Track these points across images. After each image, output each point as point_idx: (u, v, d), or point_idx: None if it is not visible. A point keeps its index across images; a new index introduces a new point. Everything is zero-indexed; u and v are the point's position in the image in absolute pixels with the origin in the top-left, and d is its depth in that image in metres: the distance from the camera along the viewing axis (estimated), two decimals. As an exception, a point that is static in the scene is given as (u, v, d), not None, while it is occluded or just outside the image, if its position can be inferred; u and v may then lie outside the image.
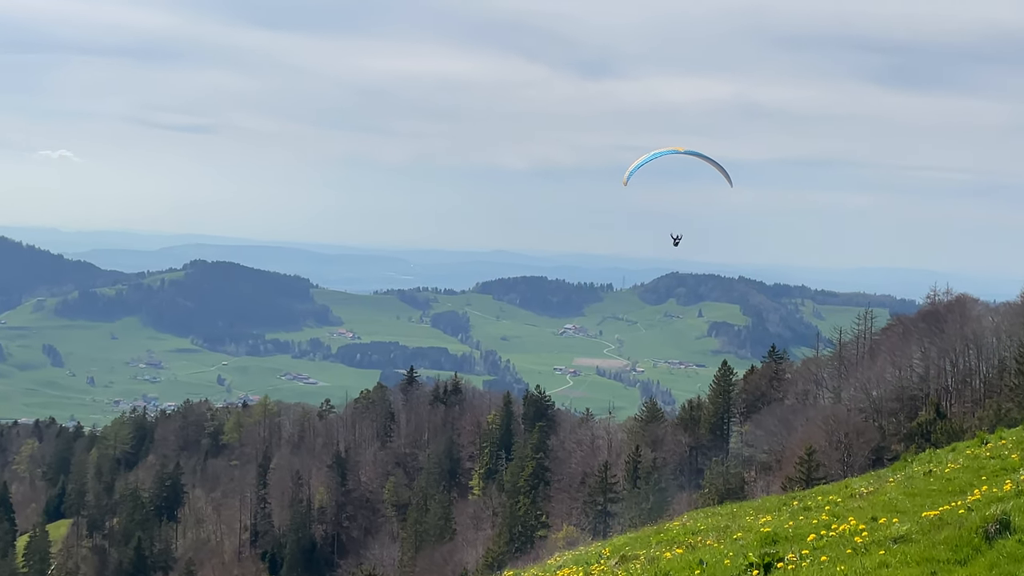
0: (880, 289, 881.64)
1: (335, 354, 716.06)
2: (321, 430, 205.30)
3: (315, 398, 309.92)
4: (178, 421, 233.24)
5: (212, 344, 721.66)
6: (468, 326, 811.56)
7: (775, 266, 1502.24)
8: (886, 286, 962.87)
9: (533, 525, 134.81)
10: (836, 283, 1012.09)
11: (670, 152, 71.11)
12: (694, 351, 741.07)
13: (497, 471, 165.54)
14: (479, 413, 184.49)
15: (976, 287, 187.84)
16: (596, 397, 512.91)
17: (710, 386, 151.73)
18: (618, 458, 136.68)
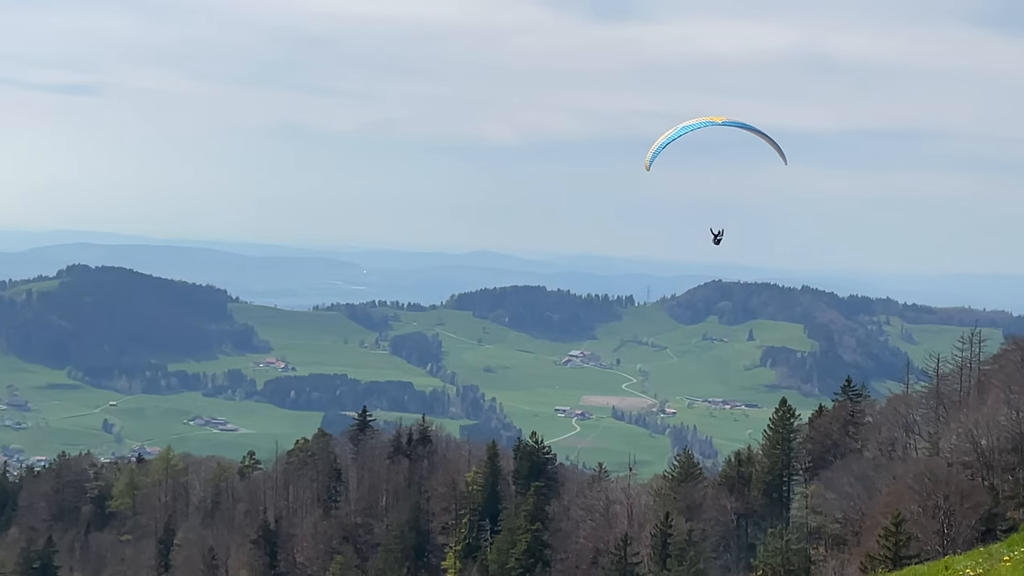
0: (990, 303, 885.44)
1: (261, 391, 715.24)
2: (243, 493, 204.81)
3: (235, 450, 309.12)
4: (50, 482, 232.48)
5: (96, 378, 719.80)
6: (440, 353, 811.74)
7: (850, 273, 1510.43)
8: (998, 299, 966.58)
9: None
10: (932, 295, 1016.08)
11: (704, 124, 73.45)
12: (743, 386, 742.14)
13: (479, 547, 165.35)
14: (455, 470, 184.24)
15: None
16: (612, 448, 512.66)
17: (764, 433, 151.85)
18: (642, 530, 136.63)
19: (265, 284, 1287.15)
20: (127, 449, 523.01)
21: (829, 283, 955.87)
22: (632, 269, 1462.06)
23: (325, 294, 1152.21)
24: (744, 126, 73.09)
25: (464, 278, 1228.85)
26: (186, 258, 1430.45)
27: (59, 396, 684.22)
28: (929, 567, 45.15)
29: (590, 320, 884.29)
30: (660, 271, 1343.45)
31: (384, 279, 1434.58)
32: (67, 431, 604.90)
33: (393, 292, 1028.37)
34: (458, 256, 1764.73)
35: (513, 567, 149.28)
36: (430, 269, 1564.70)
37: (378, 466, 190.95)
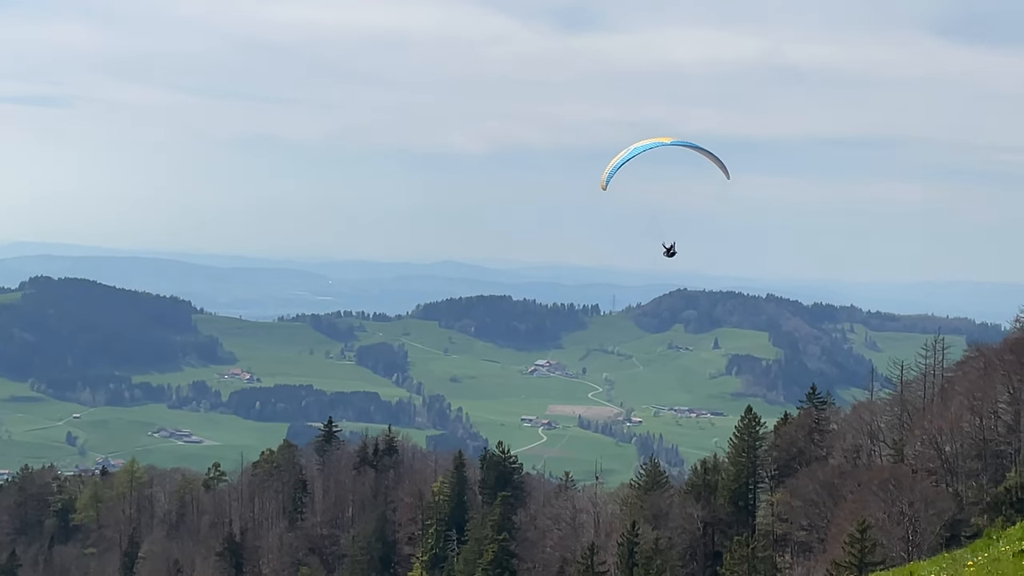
0: (953, 310, 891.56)
1: (226, 402, 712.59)
2: (208, 505, 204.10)
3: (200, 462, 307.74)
4: (13, 495, 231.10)
5: (59, 390, 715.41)
6: (406, 363, 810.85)
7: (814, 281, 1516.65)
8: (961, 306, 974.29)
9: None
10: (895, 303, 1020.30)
11: (655, 145, 77.74)
12: (708, 394, 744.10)
13: (446, 558, 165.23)
14: (421, 480, 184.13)
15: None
16: (579, 457, 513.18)
17: (730, 441, 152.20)
18: (608, 538, 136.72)
19: (230, 295, 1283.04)
20: (91, 462, 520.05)
21: (794, 291, 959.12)
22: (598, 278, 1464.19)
23: (290, 304, 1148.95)
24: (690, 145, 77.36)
25: (430, 288, 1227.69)
26: (151, 269, 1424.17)
27: (22, 409, 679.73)
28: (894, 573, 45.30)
29: (556, 329, 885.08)
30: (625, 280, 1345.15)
31: (350, 289, 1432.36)
32: (30, 444, 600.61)
33: (359, 302, 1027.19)
34: (424, 266, 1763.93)
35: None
36: (396, 279, 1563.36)
37: (344, 477, 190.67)
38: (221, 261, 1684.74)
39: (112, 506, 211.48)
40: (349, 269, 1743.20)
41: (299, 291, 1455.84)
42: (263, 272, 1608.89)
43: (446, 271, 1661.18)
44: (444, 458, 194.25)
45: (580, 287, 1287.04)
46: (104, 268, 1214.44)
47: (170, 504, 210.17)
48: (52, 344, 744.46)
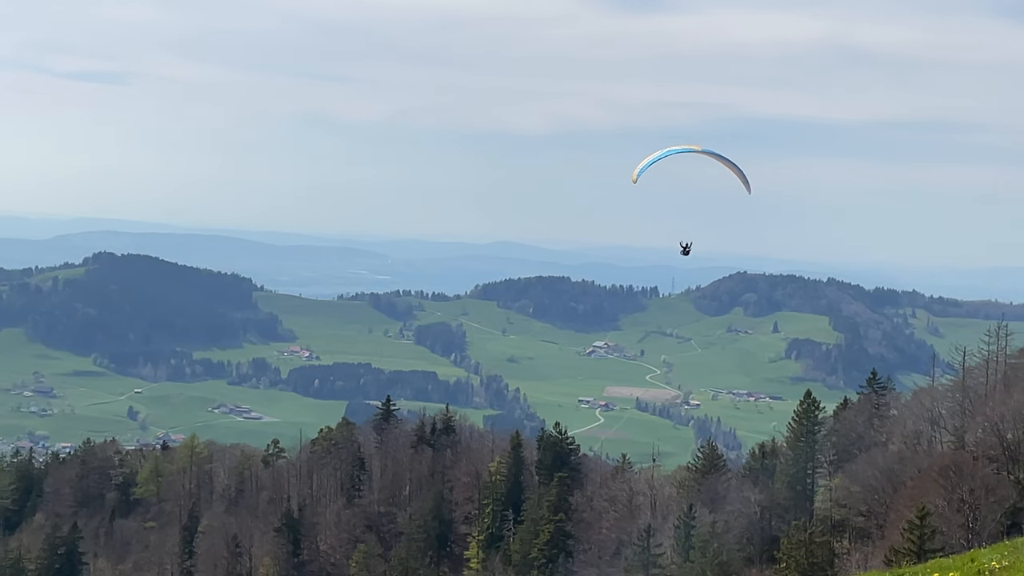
0: (1018, 297, 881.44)
1: (286, 379, 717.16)
2: (267, 481, 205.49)
3: (259, 438, 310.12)
4: (75, 468, 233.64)
5: (121, 365, 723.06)
6: (464, 343, 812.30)
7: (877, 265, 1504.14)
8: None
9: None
10: (959, 288, 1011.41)
11: (685, 150, 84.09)
12: (767, 378, 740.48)
13: (502, 537, 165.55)
14: (478, 460, 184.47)
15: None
16: (636, 439, 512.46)
17: (788, 425, 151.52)
18: (665, 521, 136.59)
19: (290, 273, 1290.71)
20: (152, 436, 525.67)
21: (855, 275, 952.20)
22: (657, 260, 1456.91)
23: (350, 283, 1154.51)
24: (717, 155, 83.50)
25: (489, 268, 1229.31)
26: (211, 246, 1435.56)
27: (85, 383, 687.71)
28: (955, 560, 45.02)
29: (614, 311, 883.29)
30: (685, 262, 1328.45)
31: (408, 269, 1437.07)
32: (92, 418, 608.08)
33: (417, 282, 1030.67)
34: (483, 246, 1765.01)
35: (536, 557, 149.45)
36: (455, 259, 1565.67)
37: (401, 455, 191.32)
38: (281, 239, 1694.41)
39: (172, 481, 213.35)
40: (408, 248, 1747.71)
41: (358, 270, 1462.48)
42: (323, 250, 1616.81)
43: (505, 251, 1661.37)
44: (501, 438, 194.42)
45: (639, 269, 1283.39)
46: (166, 245, 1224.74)
47: (229, 479, 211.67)
48: (115, 319, 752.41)
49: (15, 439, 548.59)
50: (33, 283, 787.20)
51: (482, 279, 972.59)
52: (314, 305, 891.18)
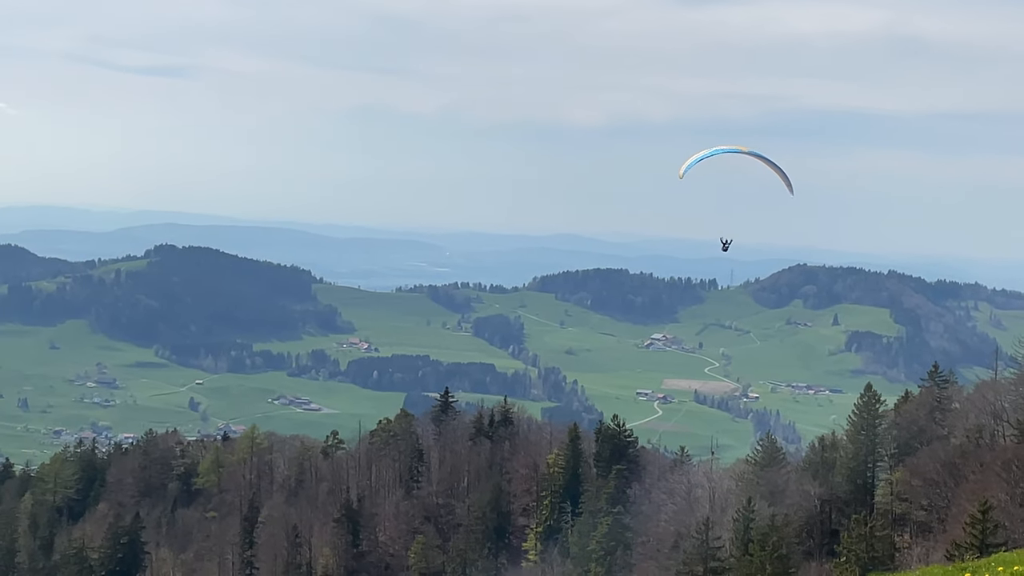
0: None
1: (344, 371, 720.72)
2: (326, 472, 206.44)
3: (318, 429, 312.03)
4: (138, 459, 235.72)
5: (183, 357, 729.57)
6: (522, 335, 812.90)
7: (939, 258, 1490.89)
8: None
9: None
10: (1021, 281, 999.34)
11: (731, 151, 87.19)
12: (827, 371, 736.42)
13: (560, 530, 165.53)
14: (536, 452, 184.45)
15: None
16: (694, 432, 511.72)
17: (849, 419, 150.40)
18: (724, 514, 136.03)
19: (349, 265, 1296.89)
20: (212, 427, 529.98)
21: (916, 268, 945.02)
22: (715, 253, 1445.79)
23: (408, 275, 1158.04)
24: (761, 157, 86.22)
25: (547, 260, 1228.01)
26: (272, 239, 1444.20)
27: (146, 374, 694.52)
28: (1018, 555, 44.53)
29: (673, 303, 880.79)
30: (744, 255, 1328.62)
31: (467, 261, 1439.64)
32: (154, 409, 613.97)
33: (475, 274, 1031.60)
34: (541, 238, 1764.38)
35: (594, 549, 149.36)
36: (513, 251, 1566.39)
37: (460, 447, 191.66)
38: (341, 232, 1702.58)
39: (233, 471, 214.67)
40: (467, 241, 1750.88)
41: (417, 262, 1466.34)
42: (382, 243, 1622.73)
43: (563, 244, 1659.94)
44: (559, 430, 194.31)
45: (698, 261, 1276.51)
46: (227, 237, 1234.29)
47: (289, 470, 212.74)
48: (176, 311, 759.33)
49: (79, 429, 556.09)
50: (96, 275, 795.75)
51: (540, 271, 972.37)
52: (373, 297, 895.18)
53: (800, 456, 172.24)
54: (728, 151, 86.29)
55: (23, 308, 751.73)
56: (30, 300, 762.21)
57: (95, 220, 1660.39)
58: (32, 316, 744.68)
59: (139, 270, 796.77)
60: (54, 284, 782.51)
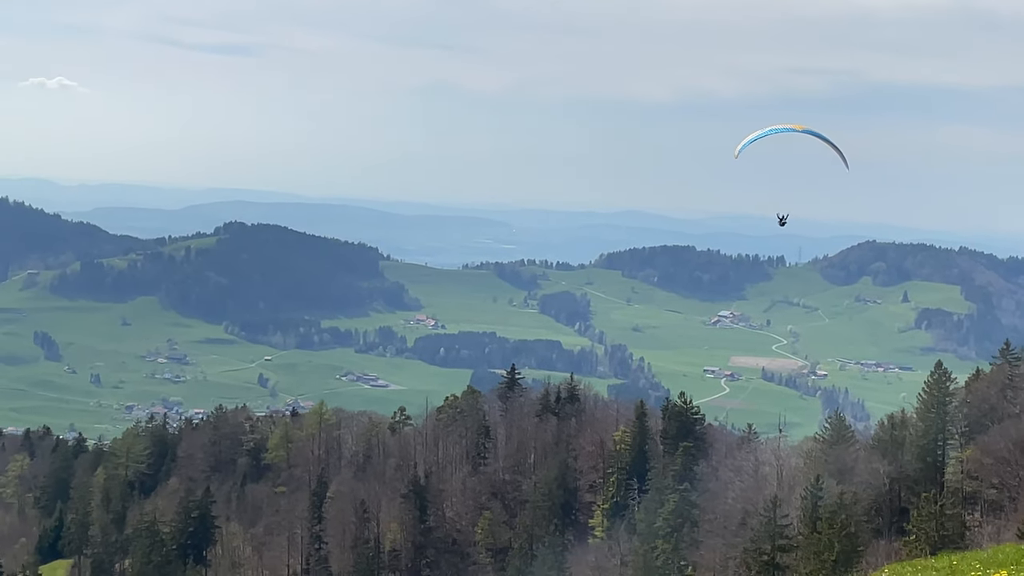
0: None
1: (412, 348, 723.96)
2: (394, 448, 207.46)
3: (386, 406, 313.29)
4: (208, 434, 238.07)
5: (252, 333, 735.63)
6: (588, 312, 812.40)
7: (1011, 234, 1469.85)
8: None
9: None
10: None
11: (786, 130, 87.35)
12: (896, 348, 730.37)
13: (627, 506, 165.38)
14: (603, 429, 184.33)
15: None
16: (762, 409, 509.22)
17: (918, 396, 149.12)
18: (791, 492, 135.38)
19: (416, 242, 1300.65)
20: (281, 403, 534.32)
21: (989, 244, 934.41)
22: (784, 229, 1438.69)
23: (475, 252, 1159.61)
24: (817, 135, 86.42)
25: (613, 237, 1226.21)
26: (339, 216, 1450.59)
27: (216, 350, 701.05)
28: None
29: (740, 280, 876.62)
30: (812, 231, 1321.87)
31: (533, 238, 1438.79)
32: (224, 385, 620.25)
33: (542, 251, 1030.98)
34: (607, 215, 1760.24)
35: (661, 527, 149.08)
36: (579, 228, 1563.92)
37: (526, 424, 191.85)
38: (407, 209, 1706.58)
39: (301, 447, 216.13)
40: (533, 217, 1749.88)
41: (483, 239, 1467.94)
42: (448, 220, 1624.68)
43: (630, 220, 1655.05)
44: (626, 407, 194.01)
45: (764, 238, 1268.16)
46: (294, 214, 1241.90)
47: (357, 446, 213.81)
48: (245, 288, 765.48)
49: (150, 405, 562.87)
50: (167, 252, 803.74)
51: (607, 248, 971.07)
52: (440, 274, 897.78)
53: (869, 434, 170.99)
54: (782, 130, 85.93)
55: (95, 285, 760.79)
56: (102, 277, 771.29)
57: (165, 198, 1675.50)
58: (104, 293, 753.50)
59: (208, 247, 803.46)
60: (125, 261, 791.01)
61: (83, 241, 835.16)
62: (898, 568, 43.73)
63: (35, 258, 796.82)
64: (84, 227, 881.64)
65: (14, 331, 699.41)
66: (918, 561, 46.30)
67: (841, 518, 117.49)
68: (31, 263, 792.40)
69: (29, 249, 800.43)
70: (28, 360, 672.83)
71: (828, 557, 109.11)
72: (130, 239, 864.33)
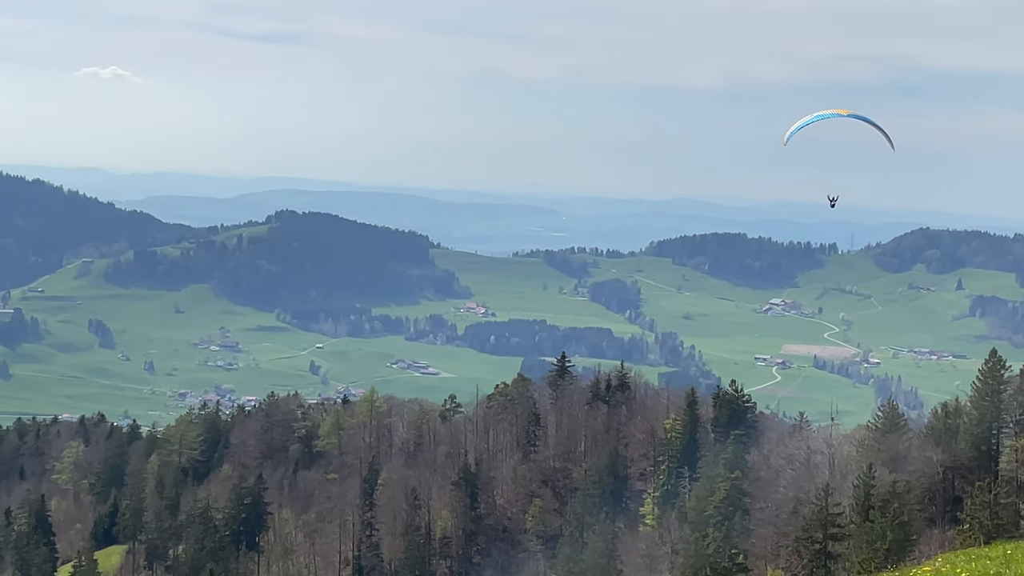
0: None
1: (462, 336, 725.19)
2: (444, 436, 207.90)
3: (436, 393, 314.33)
4: (260, 421, 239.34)
5: (303, 321, 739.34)
6: (639, 300, 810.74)
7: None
8: None
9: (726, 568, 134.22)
10: None
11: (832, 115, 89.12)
12: (951, 336, 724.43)
13: (677, 494, 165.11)
14: (653, 417, 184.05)
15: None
16: (814, 397, 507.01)
17: (973, 384, 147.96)
18: (844, 480, 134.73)
19: (466, 230, 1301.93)
20: (332, 391, 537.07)
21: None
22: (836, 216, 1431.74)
23: (525, 240, 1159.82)
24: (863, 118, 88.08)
25: (663, 225, 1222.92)
26: (389, 204, 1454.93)
27: (268, 338, 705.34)
28: None
29: (791, 268, 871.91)
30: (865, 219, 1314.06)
31: (583, 226, 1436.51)
32: (276, 372, 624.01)
33: (592, 239, 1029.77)
34: (658, 203, 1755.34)
35: (712, 515, 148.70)
36: (630, 216, 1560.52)
37: (577, 411, 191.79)
38: (457, 196, 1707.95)
39: (352, 434, 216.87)
40: (583, 205, 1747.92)
41: (534, 227, 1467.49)
42: (499, 208, 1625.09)
43: (680, 208, 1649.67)
44: (676, 395, 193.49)
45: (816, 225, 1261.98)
46: (345, 203, 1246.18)
47: (408, 433, 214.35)
48: (296, 276, 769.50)
49: (203, 392, 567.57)
50: (219, 240, 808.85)
51: (657, 236, 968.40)
52: (490, 262, 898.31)
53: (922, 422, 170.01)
54: (829, 116, 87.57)
55: (149, 273, 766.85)
56: (155, 265, 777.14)
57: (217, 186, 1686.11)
58: (157, 281, 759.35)
59: (260, 236, 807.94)
60: (178, 249, 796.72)
61: (136, 230, 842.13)
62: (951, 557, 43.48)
63: (89, 246, 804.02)
64: (137, 216, 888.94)
65: (69, 319, 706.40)
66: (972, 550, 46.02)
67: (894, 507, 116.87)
68: (85, 251, 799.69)
69: (83, 238, 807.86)
70: (83, 348, 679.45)
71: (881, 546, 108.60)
72: (183, 227, 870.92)
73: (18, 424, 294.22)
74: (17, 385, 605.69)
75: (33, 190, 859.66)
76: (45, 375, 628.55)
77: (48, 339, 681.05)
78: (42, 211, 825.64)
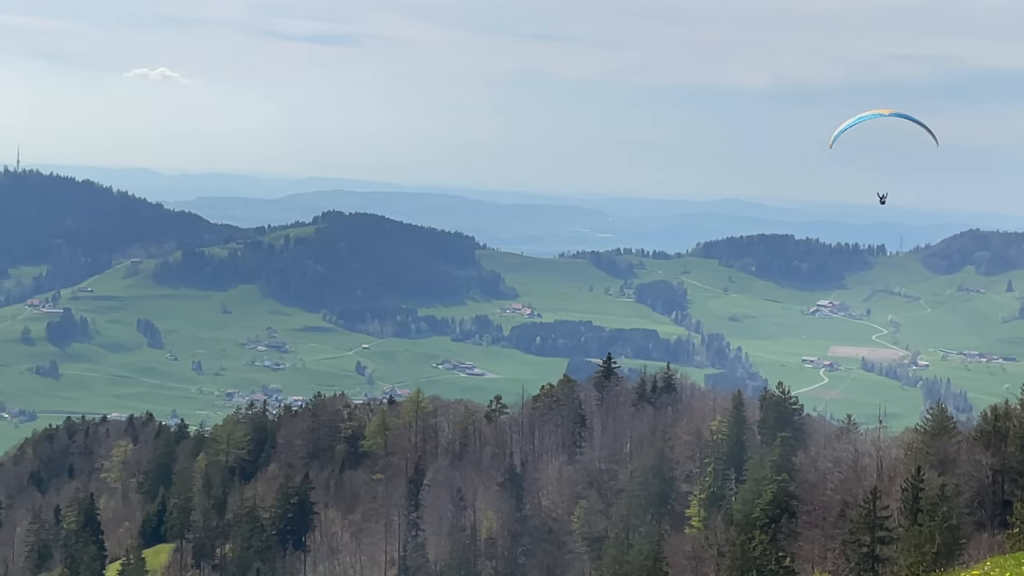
0: None
1: (508, 336, 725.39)
2: (490, 437, 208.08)
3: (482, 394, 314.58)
4: (307, 421, 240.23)
5: (350, 321, 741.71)
6: (685, 301, 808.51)
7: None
8: None
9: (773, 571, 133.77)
10: None
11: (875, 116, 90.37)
12: (1000, 339, 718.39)
13: (724, 497, 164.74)
14: (699, 418, 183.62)
15: None
16: (861, 400, 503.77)
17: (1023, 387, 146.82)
18: (892, 483, 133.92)
19: (512, 231, 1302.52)
20: (379, 391, 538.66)
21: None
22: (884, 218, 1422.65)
23: (571, 241, 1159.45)
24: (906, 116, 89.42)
25: (710, 226, 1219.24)
26: (435, 205, 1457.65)
27: (315, 339, 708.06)
28: None
29: (839, 269, 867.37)
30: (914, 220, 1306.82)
31: (629, 227, 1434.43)
32: (322, 372, 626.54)
33: (638, 240, 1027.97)
34: (704, 204, 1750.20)
35: (758, 517, 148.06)
36: (676, 217, 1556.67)
37: (622, 413, 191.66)
38: (503, 197, 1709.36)
39: (398, 434, 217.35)
40: (629, 206, 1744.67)
41: (579, 228, 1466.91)
42: (544, 208, 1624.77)
43: (727, 209, 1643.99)
44: (723, 397, 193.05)
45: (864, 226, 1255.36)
46: (391, 203, 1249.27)
47: (453, 434, 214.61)
48: (343, 277, 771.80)
49: (250, 392, 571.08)
50: (266, 241, 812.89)
51: (704, 237, 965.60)
52: (536, 263, 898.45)
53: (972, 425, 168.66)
54: (873, 116, 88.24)
55: (196, 273, 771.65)
56: (203, 265, 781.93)
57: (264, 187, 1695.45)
58: (205, 281, 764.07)
59: (307, 236, 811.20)
60: (226, 250, 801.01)
61: (184, 230, 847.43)
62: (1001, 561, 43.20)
63: (138, 247, 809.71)
64: (186, 216, 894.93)
65: (118, 319, 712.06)
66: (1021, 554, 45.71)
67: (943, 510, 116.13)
68: (134, 252, 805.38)
69: (132, 238, 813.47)
70: (131, 347, 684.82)
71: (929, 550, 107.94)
72: (230, 228, 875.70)
73: (67, 423, 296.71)
74: (67, 384, 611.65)
75: (83, 191, 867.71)
76: (94, 374, 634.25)
77: (97, 339, 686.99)
78: (92, 212, 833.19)
